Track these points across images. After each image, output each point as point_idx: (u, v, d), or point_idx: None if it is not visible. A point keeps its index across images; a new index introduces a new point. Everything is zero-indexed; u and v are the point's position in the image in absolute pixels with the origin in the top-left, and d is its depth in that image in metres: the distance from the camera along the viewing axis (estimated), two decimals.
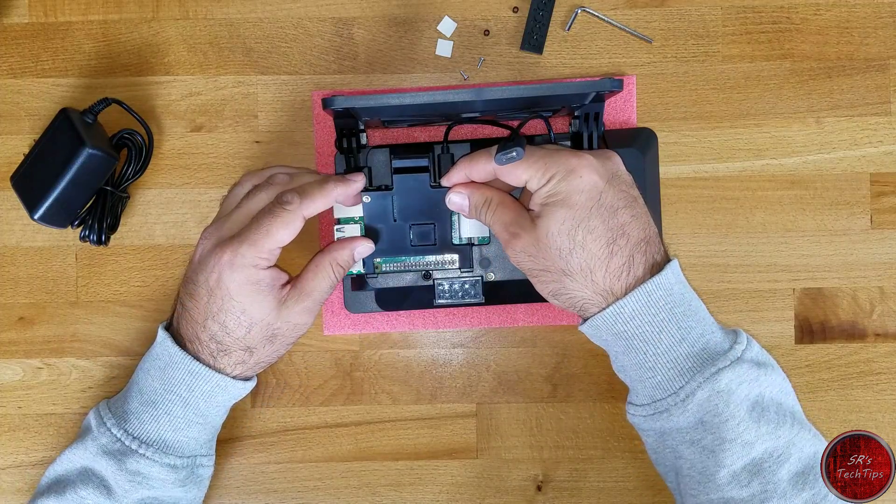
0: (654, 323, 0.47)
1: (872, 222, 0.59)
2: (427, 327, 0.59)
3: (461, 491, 0.59)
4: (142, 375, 0.52)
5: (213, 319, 0.49)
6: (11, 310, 0.59)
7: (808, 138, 0.59)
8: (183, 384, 0.50)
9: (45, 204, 0.54)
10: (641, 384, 0.48)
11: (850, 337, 0.59)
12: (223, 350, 0.50)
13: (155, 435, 0.51)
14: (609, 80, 0.50)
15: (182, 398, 0.50)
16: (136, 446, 0.50)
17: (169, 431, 0.51)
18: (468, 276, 0.56)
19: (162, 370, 0.50)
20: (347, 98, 0.49)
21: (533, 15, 0.58)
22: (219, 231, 0.50)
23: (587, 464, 0.59)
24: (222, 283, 0.48)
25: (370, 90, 0.58)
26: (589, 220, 0.47)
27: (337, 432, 0.59)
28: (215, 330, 0.49)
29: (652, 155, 0.57)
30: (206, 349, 0.50)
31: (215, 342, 0.49)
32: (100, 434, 0.51)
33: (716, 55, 0.59)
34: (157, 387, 0.51)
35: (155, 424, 0.50)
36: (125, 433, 0.50)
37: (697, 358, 0.47)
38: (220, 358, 0.50)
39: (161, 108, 0.59)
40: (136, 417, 0.51)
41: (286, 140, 0.59)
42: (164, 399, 0.50)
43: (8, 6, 0.59)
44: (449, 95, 0.49)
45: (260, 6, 0.59)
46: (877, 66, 0.59)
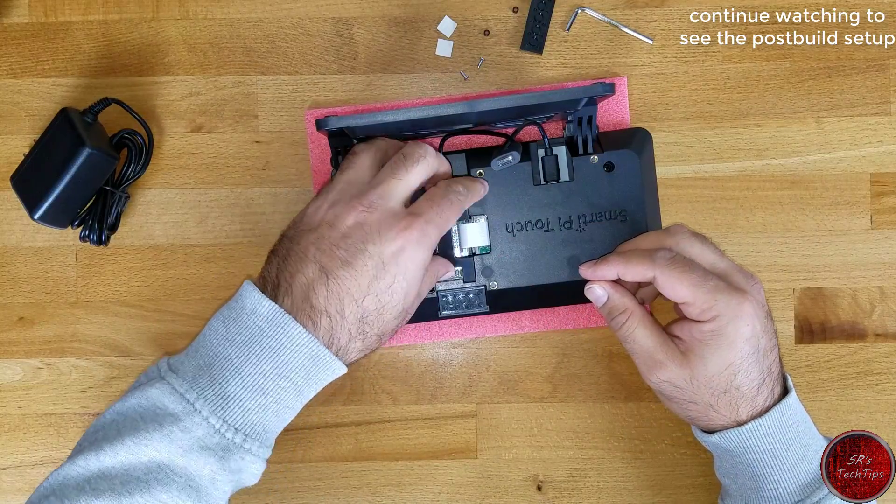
0: (784, 439, 0.48)
1: (872, 222, 0.59)
2: (433, 339, 0.59)
3: (461, 491, 0.59)
4: (234, 351, 0.44)
5: (375, 297, 0.44)
6: (11, 310, 0.59)
7: (808, 138, 0.59)
8: (301, 371, 0.44)
9: (45, 204, 0.54)
10: (756, 494, 0.49)
11: (850, 337, 0.59)
12: (362, 333, 0.45)
13: (260, 427, 0.44)
14: (601, 84, 0.50)
15: (297, 386, 0.44)
16: (239, 440, 0.43)
17: (275, 422, 0.45)
18: (471, 287, 0.56)
19: (275, 351, 0.43)
20: (341, 118, 0.50)
21: (533, 15, 0.58)
22: (384, 202, 0.46)
23: (587, 464, 0.59)
24: (401, 260, 0.44)
25: (364, 107, 0.58)
26: (748, 367, 0.47)
27: (337, 432, 0.59)
28: (370, 309, 0.44)
29: (648, 155, 0.57)
30: (346, 328, 0.44)
31: (361, 322, 0.44)
32: (192, 424, 0.42)
33: (716, 55, 0.59)
34: (268, 370, 0.43)
35: (262, 414, 0.43)
36: (226, 425, 0.42)
37: (816, 474, 0.49)
38: (354, 341, 0.45)
39: (161, 108, 0.59)
40: (237, 404, 0.43)
41: (286, 140, 0.59)
42: (277, 385, 0.43)
43: (8, 6, 0.59)
44: (441, 109, 0.50)
45: (260, 6, 0.59)
46: (877, 66, 0.59)
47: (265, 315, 0.44)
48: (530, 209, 0.55)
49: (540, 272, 0.56)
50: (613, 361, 0.59)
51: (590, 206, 0.55)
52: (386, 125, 0.51)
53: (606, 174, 0.55)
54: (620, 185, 0.55)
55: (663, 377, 0.48)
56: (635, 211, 0.55)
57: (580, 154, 0.55)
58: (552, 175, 0.55)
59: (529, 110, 0.52)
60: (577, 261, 0.55)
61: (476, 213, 0.55)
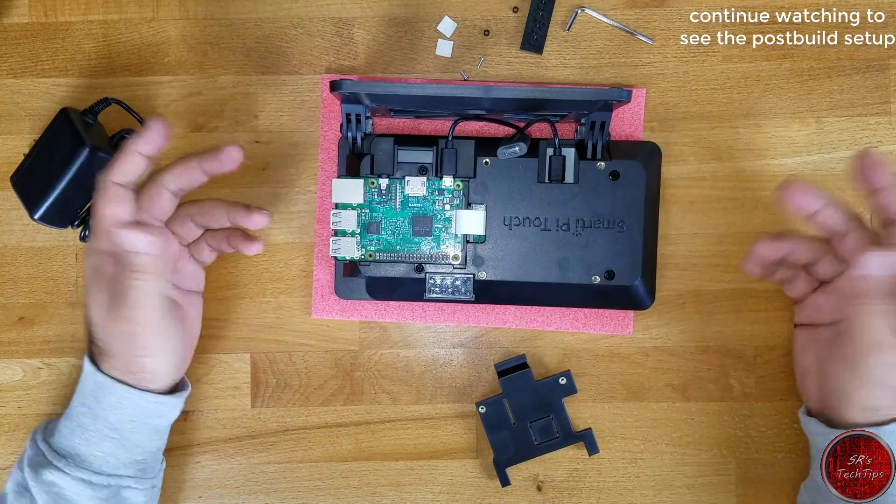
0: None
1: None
2: (415, 320, 0.59)
3: (461, 491, 0.59)
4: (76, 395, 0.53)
5: (86, 308, 0.52)
6: (11, 310, 0.59)
7: (808, 138, 0.59)
8: (92, 396, 0.51)
9: (45, 204, 0.54)
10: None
11: None
12: (93, 341, 0.51)
13: (70, 448, 0.51)
14: (619, 89, 0.50)
15: (91, 410, 0.51)
16: (51, 457, 0.50)
17: (83, 445, 0.51)
18: (460, 273, 0.56)
19: (80, 384, 0.52)
20: (356, 83, 0.50)
21: (533, 15, 0.58)
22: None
23: (587, 464, 0.59)
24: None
25: (380, 77, 0.58)
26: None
27: (337, 432, 0.59)
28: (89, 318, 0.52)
29: (654, 169, 0.57)
30: (97, 351, 0.51)
31: (89, 335, 0.52)
32: (29, 446, 0.52)
33: (716, 55, 0.59)
34: (74, 401, 0.52)
35: (71, 438, 0.51)
36: (46, 445, 0.51)
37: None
38: (101, 357, 0.51)
39: (161, 108, 0.59)
40: (59, 431, 0.52)
41: (286, 140, 0.59)
42: (78, 412, 0.51)
43: (8, 6, 0.59)
44: (458, 90, 0.50)
45: (260, 6, 0.59)
46: (877, 66, 0.59)
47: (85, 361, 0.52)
48: (530, 206, 0.55)
49: (530, 269, 0.56)
50: (613, 361, 0.59)
51: (590, 212, 0.55)
52: (399, 97, 0.51)
53: (611, 182, 0.55)
54: (623, 195, 0.55)
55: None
56: (633, 223, 0.55)
57: (588, 158, 0.55)
58: (557, 175, 0.55)
59: (544, 104, 0.52)
60: (569, 264, 0.55)
61: (476, 202, 0.55)
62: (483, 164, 0.55)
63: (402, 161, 0.55)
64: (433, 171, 0.55)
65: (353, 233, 0.55)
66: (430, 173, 0.55)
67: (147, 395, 0.51)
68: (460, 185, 0.55)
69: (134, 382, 0.51)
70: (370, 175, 0.55)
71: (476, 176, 0.55)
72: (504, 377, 0.58)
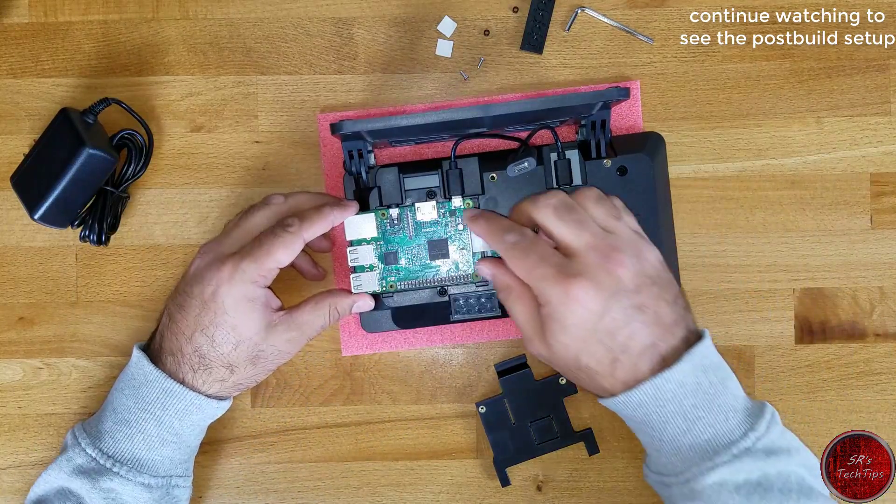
0: (661, 414, 0.47)
1: (872, 222, 0.59)
2: (444, 342, 0.59)
3: (461, 491, 0.59)
4: (116, 395, 0.52)
5: (202, 332, 0.50)
6: (11, 310, 0.59)
7: (808, 138, 0.59)
8: (157, 402, 0.50)
9: (45, 204, 0.54)
10: (656, 452, 0.49)
11: (850, 337, 0.59)
12: (205, 365, 0.50)
13: (129, 454, 0.51)
14: (616, 88, 0.50)
15: (156, 417, 0.51)
16: (109, 465, 0.50)
17: (143, 450, 0.51)
18: (483, 290, 0.56)
19: (136, 388, 0.51)
20: (356, 122, 0.50)
21: (533, 15, 0.58)
22: (218, 247, 0.51)
23: (587, 464, 0.59)
24: (218, 296, 0.49)
25: (376, 111, 0.58)
26: (588, 346, 0.47)
27: (337, 432, 0.59)
28: (202, 343, 0.50)
29: (661, 159, 0.57)
30: (188, 363, 0.50)
31: (199, 356, 0.50)
32: (74, 454, 0.51)
33: (716, 55, 0.59)
34: (131, 405, 0.51)
35: (129, 443, 0.51)
36: (99, 452, 0.51)
37: (699, 450, 0.47)
38: (199, 374, 0.50)
39: (161, 108, 0.59)
40: (109, 436, 0.51)
41: (286, 140, 0.59)
42: (138, 418, 0.51)
43: (8, 6, 0.59)
44: (458, 114, 0.49)
45: (260, 6, 0.59)
46: (877, 66, 0.59)
47: (133, 361, 0.52)
48: None
49: None
50: None
51: None
52: (400, 129, 0.51)
53: (619, 178, 0.55)
54: (633, 189, 0.55)
55: (532, 351, 0.50)
56: (648, 215, 0.55)
57: (593, 158, 0.55)
58: (565, 179, 0.55)
59: (544, 114, 0.52)
60: None
61: None
62: (490, 180, 0.55)
63: (409, 188, 0.55)
64: (441, 193, 0.55)
65: (371, 267, 0.55)
66: (438, 196, 0.55)
67: (211, 401, 0.51)
68: (470, 203, 0.55)
69: (204, 389, 0.51)
70: (380, 207, 0.55)
71: (484, 192, 0.55)
72: (504, 377, 0.58)
